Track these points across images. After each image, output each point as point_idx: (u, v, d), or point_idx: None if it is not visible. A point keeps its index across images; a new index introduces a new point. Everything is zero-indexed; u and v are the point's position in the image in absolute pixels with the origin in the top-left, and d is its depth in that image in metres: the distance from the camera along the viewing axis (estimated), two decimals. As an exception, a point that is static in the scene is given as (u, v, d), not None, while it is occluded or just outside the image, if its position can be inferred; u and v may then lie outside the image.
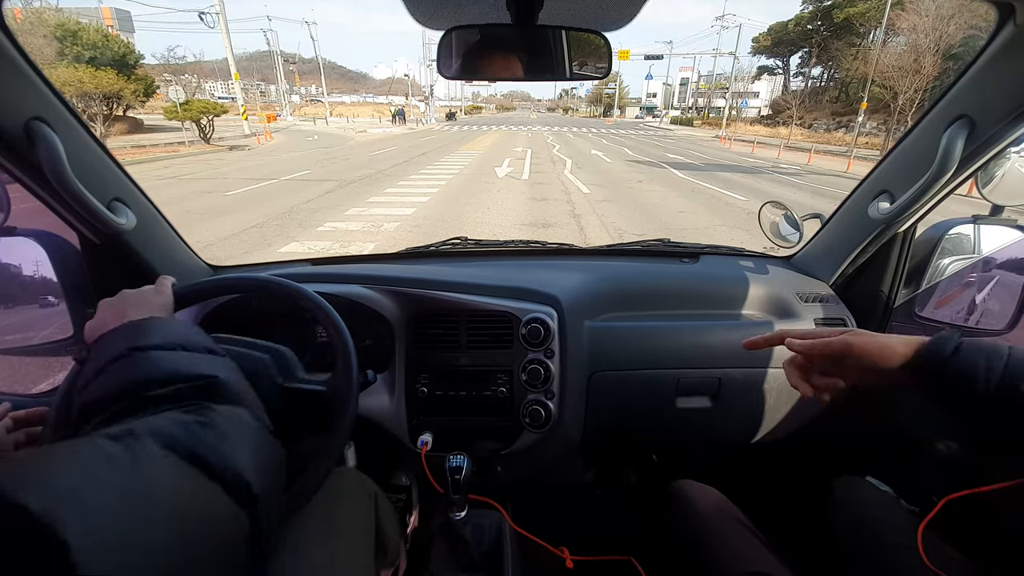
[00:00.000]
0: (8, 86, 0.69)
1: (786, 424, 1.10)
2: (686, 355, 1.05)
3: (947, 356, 0.51)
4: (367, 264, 1.23)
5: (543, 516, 1.07)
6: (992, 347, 0.51)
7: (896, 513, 0.82)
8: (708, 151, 20.21)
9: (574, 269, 1.19)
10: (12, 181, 0.79)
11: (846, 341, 0.57)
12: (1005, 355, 0.49)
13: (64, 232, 0.92)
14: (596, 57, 0.80)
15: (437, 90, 64.71)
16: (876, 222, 0.98)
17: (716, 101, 54.99)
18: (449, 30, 0.75)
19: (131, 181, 0.94)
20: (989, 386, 0.48)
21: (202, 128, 17.09)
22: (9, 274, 0.97)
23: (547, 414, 0.99)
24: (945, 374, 0.51)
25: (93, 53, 18.23)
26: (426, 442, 0.98)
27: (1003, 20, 0.70)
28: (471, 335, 1.02)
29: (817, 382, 0.60)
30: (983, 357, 0.50)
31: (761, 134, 29.89)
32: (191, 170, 11.42)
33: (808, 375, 0.61)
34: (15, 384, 2.23)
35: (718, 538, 0.84)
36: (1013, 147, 0.83)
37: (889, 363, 0.54)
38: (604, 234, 6.01)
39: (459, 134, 27.40)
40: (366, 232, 5.96)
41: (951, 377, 0.50)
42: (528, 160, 14.31)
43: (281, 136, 22.35)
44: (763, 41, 45.33)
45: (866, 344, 0.56)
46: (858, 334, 0.57)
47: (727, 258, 1.28)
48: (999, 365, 0.49)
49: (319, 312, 0.73)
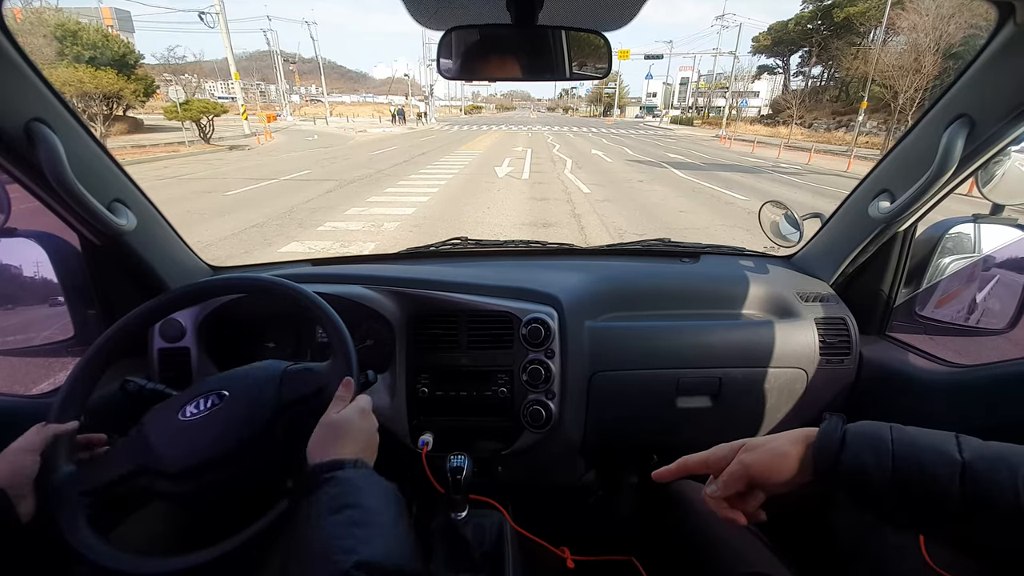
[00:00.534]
0: (8, 87, 0.69)
1: (787, 423, 1.10)
2: (687, 355, 1.05)
3: (836, 455, 0.47)
4: (367, 264, 1.23)
5: (544, 516, 1.07)
6: (876, 436, 0.47)
7: None
8: (708, 150, 20.17)
9: (574, 269, 1.19)
10: (12, 182, 0.79)
11: (742, 462, 0.53)
12: (889, 443, 0.46)
13: (64, 233, 0.92)
14: (596, 57, 0.80)
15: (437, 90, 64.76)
16: (876, 221, 0.98)
17: (716, 101, 54.97)
18: (449, 30, 0.75)
19: (131, 182, 0.94)
20: (884, 481, 0.45)
21: (202, 128, 17.01)
22: (10, 275, 0.97)
23: (548, 414, 0.99)
24: (839, 475, 0.47)
25: (93, 53, 18.21)
26: (427, 442, 0.98)
27: (1003, 19, 0.70)
28: (472, 335, 1.02)
29: (744, 507, 0.55)
30: (870, 451, 0.46)
31: (761, 133, 29.81)
32: (191, 170, 11.41)
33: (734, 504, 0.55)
34: (15, 384, 2.23)
35: (718, 538, 0.84)
36: (1013, 146, 0.83)
37: (785, 472, 0.51)
38: (604, 234, 6.01)
39: (458, 134, 27.39)
40: (366, 232, 5.96)
41: (846, 478, 0.47)
42: (528, 160, 14.28)
43: (281, 136, 22.33)
44: (763, 40, 45.27)
45: (759, 459, 0.52)
46: (750, 449, 0.54)
47: (727, 258, 1.28)
48: (887, 458, 0.45)
49: (319, 313, 0.74)
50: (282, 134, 23.52)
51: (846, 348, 1.06)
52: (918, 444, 0.46)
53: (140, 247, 0.96)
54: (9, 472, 0.58)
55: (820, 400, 1.08)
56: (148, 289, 1.00)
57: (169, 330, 0.98)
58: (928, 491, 0.43)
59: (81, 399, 0.69)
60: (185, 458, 0.63)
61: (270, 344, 1.12)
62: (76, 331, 0.98)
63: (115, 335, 0.73)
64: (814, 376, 1.05)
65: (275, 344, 1.12)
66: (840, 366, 1.06)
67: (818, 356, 1.05)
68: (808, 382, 1.06)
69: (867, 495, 0.46)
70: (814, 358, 1.05)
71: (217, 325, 1.02)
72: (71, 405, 0.67)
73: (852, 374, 1.07)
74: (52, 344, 0.99)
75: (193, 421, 0.66)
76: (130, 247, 0.94)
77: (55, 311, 0.97)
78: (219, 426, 0.66)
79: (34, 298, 0.99)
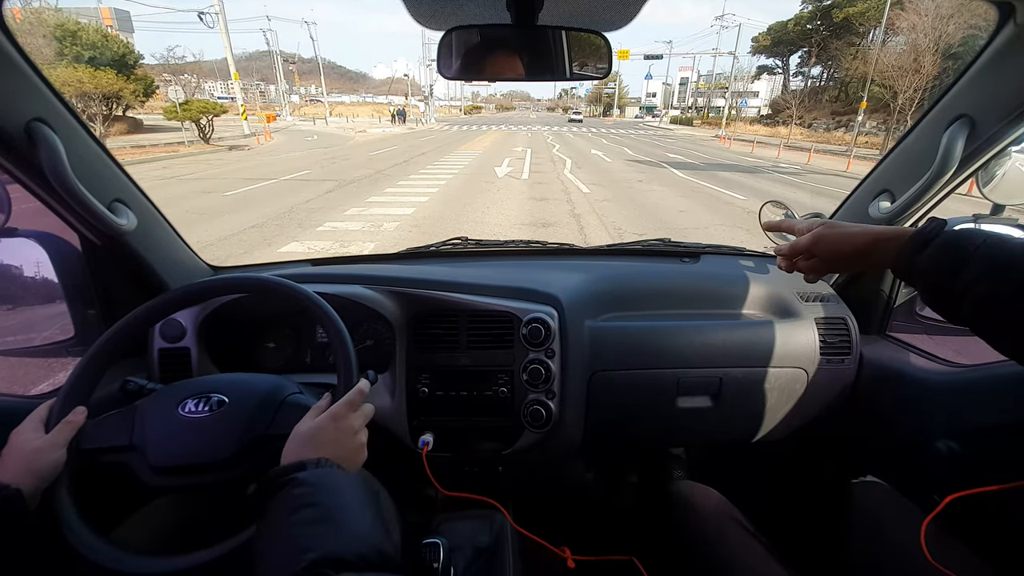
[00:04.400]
0: (9, 87, 0.69)
1: (786, 423, 1.10)
2: (687, 355, 1.05)
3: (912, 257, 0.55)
4: (367, 264, 1.23)
5: (544, 516, 1.07)
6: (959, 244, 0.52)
7: (899, 512, 0.82)
8: (708, 151, 20.15)
9: (575, 269, 1.19)
10: (13, 182, 0.79)
11: (814, 234, 0.65)
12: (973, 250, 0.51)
13: (65, 233, 0.92)
14: (596, 57, 0.80)
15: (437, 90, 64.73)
16: (877, 221, 0.98)
17: (716, 101, 54.95)
18: (449, 30, 0.75)
19: (132, 182, 0.94)
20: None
21: (201, 128, 16.93)
22: (10, 275, 0.97)
23: (548, 414, 0.99)
24: (915, 274, 0.55)
25: (93, 53, 18.16)
26: (427, 442, 0.99)
27: (1003, 20, 0.70)
28: (472, 335, 1.02)
29: (801, 265, 0.68)
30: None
31: (760, 133, 29.82)
32: (190, 170, 11.38)
33: (794, 262, 0.69)
34: (14, 385, 2.23)
35: (718, 540, 0.84)
36: (1013, 146, 0.83)
37: (845, 252, 0.62)
38: (604, 233, 6.01)
39: (458, 134, 27.34)
40: (366, 232, 5.96)
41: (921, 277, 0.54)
42: (528, 160, 14.26)
43: (281, 136, 22.28)
44: (763, 40, 45.29)
45: (827, 236, 0.64)
46: (828, 225, 0.65)
47: (728, 257, 1.28)
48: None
49: (319, 312, 0.74)
50: (281, 134, 23.47)
51: (846, 348, 1.06)
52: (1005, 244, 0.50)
53: (140, 247, 0.96)
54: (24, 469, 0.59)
55: (820, 400, 1.08)
56: (148, 289, 1.00)
57: (169, 330, 0.98)
58: None
59: (82, 399, 0.69)
60: (171, 456, 0.64)
61: (270, 344, 1.12)
62: (76, 331, 0.98)
63: (116, 335, 0.73)
64: (814, 376, 1.06)
65: (275, 344, 1.12)
66: (840, 366, 1.06)
67: (818, 356, 1.05)
68: (808, 382, 1.06)
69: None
70: (814, 358, 1.05)
71: (217, 325, 1.02)
72: (72, 405, 0.67)
73: (852, 374, 1.07)
74: (52, 344, 0.99)
75: (189, 419, 0.67)
76: (130, 247, 0.94)
77: (55, 311, 0.97)
78: (211, 434, 0.66)
79: (34, 298, 0.99)
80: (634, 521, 1.28)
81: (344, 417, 0.62)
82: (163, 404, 0.69)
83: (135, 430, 0.66)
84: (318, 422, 0.60)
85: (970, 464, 0.79)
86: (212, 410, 0.68)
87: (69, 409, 0.66)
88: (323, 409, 0.63)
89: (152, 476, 0.64)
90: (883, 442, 1.01)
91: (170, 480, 0.64)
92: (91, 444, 0.65)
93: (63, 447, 0.63)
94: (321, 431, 0.60)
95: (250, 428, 0.67)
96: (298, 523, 0.46)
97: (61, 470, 0.61)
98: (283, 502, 0.49)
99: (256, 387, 0.73)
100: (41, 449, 0.61)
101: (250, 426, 0.67)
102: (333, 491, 0.51)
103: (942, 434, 0.83)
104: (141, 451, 0.64)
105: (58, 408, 0.67)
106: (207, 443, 0.65)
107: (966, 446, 0.80)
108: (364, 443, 0.63)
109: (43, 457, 0.61)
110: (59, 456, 0.62)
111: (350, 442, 0.61)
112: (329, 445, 0.58)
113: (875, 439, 1.03)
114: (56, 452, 0.62)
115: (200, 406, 0.68)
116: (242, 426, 0.67)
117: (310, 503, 0.48)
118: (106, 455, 0.65)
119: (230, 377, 0.76)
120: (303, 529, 0.46)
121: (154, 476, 0.64)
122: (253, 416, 0.68)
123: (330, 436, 0.59)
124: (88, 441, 0.65)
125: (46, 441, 0.62)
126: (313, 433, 0.59)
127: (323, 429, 0.60)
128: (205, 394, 0.70)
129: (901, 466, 0.95)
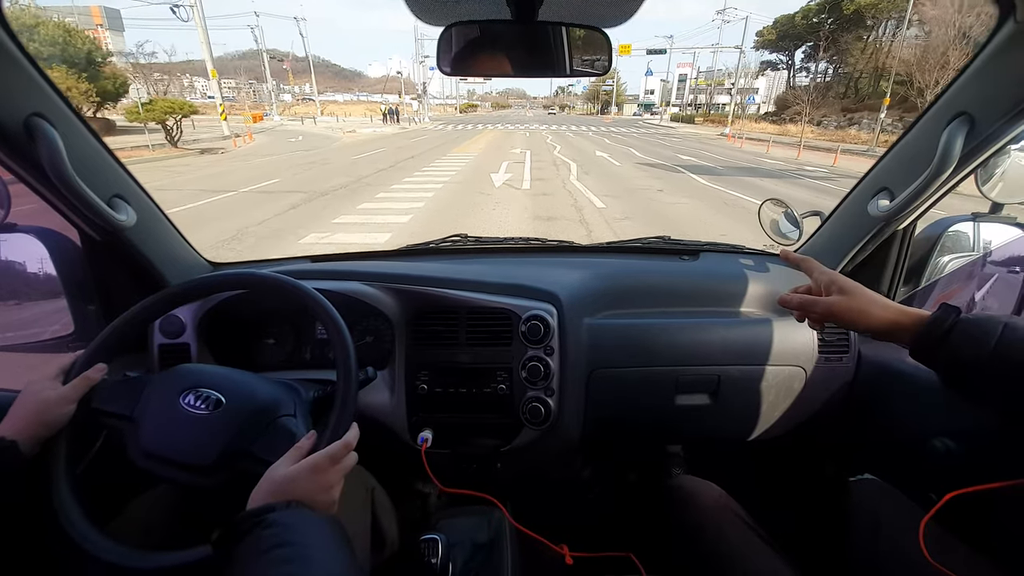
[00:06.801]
0: (7, 82, 0.69)
1: (784, 421, 1.10)
2: (685, 352, 1.05)
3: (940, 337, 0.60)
4: (367, 261, 1.24)
5: (543, 513, 1.08)
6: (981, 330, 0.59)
7: (897, 509, 0.82)
8: (719, 151, 18.86)
9: (574, 266, 1.19)
10: (13, 178, 0.79)
11: (830, 306, 0.67)
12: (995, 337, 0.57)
13: (64, 229, 0.92)
14: (596, 53, 0.80)
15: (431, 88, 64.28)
16: (876, 219, 0.98)
17: (716, 97, 54.70)
18: (449, 26, 0.75)
19: (131, 178, 0.94)
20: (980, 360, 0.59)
21: (168, 130, 15.16)
22: (10, 271, 0.97)
23: (547, 411, 0.99)
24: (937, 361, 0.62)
25: (53, 50, 16.98)
26: (426, 439, 0.99)
27: (1003, 17, 0.69)
28: (471, 332, 1.02)
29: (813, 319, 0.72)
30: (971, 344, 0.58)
31: (768, 131, 28.95)
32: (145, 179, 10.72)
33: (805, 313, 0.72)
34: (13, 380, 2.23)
35: (718, 533, 0.84)
36: (1013, 144, 0.83)
37: (860, 326, 0.66)
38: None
39: (452, 134, 26.78)
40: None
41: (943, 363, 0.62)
42: (528, 164, 12.82)
43: (264, 137, 21.18)
44: (768, 35, 44.65)
45: (845, 309, 0.66)
46: (843, 291, 0.67)
47: (727, 255, 1.28)
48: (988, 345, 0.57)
49: (318, 309, 0.74)
50: (266, 135, 22.59)
51: (845, 346, 1.06)
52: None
53: (140, 243, 0.96)
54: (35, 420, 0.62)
55: (819, 398, 1.08)
56: (148, 285, 1.00)
57: (169, 326, 0.98)
58: None
59: (107, 358, 0.72)
60: (159, 446, 0.66)
61: (270, 340, 1.12)
62: (76, 327, 0.98)
63: (117, 330, 0.74)
64: (813, 374, 1.06)
65: (275, 341, 1.12)
66: (839, 364, 1.06)
67: (817, 354, 1.05)
68: (807, 380, 1.06)
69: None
70: (813, 356, 1.05)
71: (217, 321, 1.02)
72: (96, 362, 0.70)
73: (851, 372, 1.07)
74: (52, 340, 0.99)
75: (185, 414, 0.67)
76: (130, 243, 0.94)
77: (55, 307, 0.97)
78: (199, 436, 0.66)
79: (34, 294, 0.99)
80: (632, 517, 1.29)
81: (324, 471, 0.59)
82: (168, 387, 0.70)
83: (138, 404, 0.68)
84: (295, 471, 0.57)
85: (968, 462, 0.79)
86: (209, 410, 0.68)
87: (92, 364, 0.69)
88: (304, 451, 0.60)
89: (140, 456, 0.65)
90: (881, 440, 1.01)
91: (154, 466, 0.65)
92: (99, 404, 0.68)
93: (75, 401, 0.65)
94: (295, 482, 0.57)
95: (235, 439, 0.66)
96: (270, 563, 0.45)
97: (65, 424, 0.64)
98: (252, 544, 0.48)
99: (255, 396, 0.71)
100: (54, 400, 0.64)
101: (236, 437, 0.66)
102: (305, 531, 0.50)
103: (940, 432, 0.84)
104: (136, 427, 0.66)
105: (82, 362, 0.69)
106: (194, 444, 0.66)
107: (964, 444, 0.80)
108: (336, 499, 0.60)
109: (55, 408, 0.63)
110: (69, 410, 0.64)
111: (323, 496, 0.58)
112: (301, 497, 0.56)
113: (873, 437, 1.03)
114: (67, 406, 0.64)
115: (198, 402, 0.68)
116: (228, 437, 0.66)
117: (280, 543, 0.47)
118: (109, 419, 0.68)
119: (236, 377, 0.75)
120: (276, 569, 0.45)
121: (142, 457, 0.65)
122: (243, 427, 0.67)
123: (303, 488, 0.57)
124: (98, 400, 0.68)
125: (60, 393, 0.65)
126: (286, 481, 0.57)
127: (297, 480, 0.57)
128: (207, 389, 0.69)
129: (899, 464, 0.95)
